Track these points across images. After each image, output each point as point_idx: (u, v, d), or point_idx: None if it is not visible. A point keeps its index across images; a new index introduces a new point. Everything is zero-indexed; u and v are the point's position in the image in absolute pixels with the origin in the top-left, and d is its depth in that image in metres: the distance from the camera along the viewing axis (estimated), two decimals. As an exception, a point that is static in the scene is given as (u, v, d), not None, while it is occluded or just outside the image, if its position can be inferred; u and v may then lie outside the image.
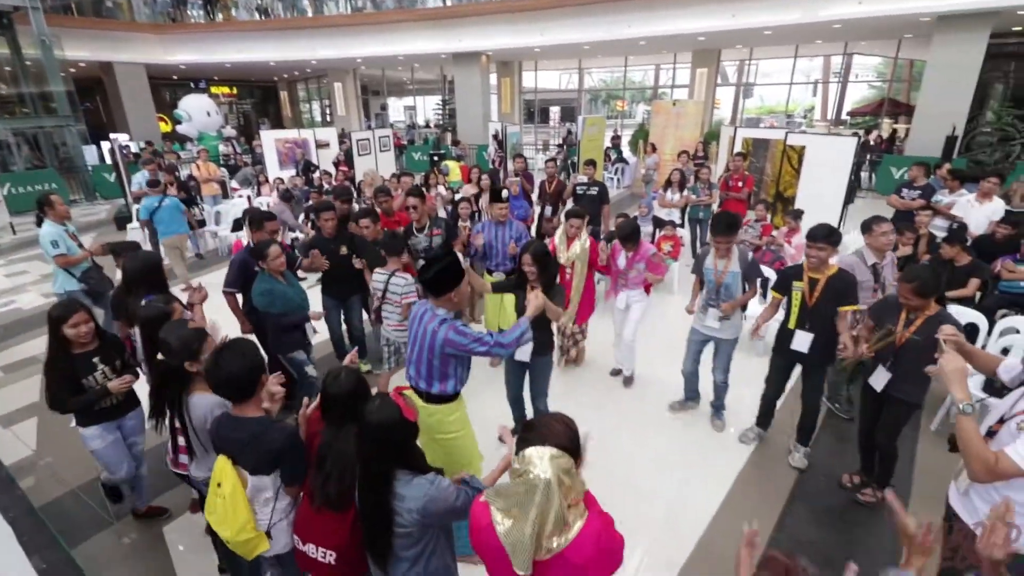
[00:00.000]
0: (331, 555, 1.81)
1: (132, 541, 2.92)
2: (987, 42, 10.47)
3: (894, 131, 15.99)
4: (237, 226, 7.78)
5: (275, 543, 1.94)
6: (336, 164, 10.88)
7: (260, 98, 27.33)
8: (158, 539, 2.95)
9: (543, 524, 1.26)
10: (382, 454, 1.62)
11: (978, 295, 4.58)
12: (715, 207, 7.10)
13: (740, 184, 6.77)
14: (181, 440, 2.31)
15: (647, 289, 4.18)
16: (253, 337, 3.57)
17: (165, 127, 19.75)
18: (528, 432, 1.36)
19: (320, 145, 11.19)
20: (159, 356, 2.16)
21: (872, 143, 14.09)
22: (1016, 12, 10.05)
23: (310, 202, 7.53)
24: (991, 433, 1.81)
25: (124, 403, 2.80)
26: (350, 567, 1.85)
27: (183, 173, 10.71)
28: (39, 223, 4.57)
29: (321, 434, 1.85)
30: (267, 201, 8.68)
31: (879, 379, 2.92)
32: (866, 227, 3.68)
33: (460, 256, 4.40)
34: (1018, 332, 3.96)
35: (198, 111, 16.83)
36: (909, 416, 2.97)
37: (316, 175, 9.54)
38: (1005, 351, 3.83)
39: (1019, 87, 14.84)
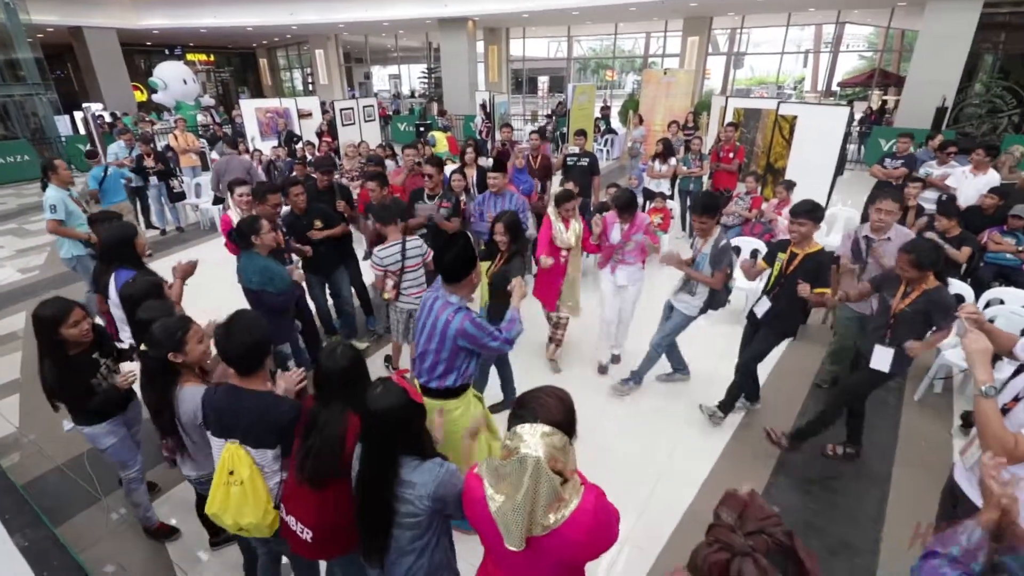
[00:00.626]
0: (308, 532, 1.77)
1: (120, 516, 2.89)
2: (980, 12, 10.37)
3: (884, 103, 15.93)
4: (217, 200, 7.55)
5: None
6: (319, 135, 10.59)
7: (239, 66, 26.40)
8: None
9: (534, 502, 1.24)
10: (389, 440, 1.56)
11: (964, 267, 4.62)
12: (706, 179, 7.05)
13: (731, 155, 6.70)
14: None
15: (642, 261, 4.08)
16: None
17: (140, 96, 19.04)
18: (520, 408, 1.33)
19: (302, 115, 10.87)
20: (142, 348, 2.06)
21: (862, 115, 14.03)
22: (1010, -20, 9.93)
23: (294, 174, 7.35)
24: (1004, 411, 1.80)
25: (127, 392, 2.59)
26: (324, 548, 1.82)
27: (160, 144, 10.36)
28: (44, 187, 4.79)
29: (309, 410, 1.80)
30: (249, 172, 8.45)
31: (882, 359, 2.91)
32: (870, 199, 3.68)
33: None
34: (1003, 303, 4.02)
35: (174, 79, 16.23)
36: (873, 386, 3.04)
37: (299, 146, 9.28)
38: (990, 322, 3.88)
39: (1008, 58, 14.80)
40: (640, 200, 6.65)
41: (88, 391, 2.38)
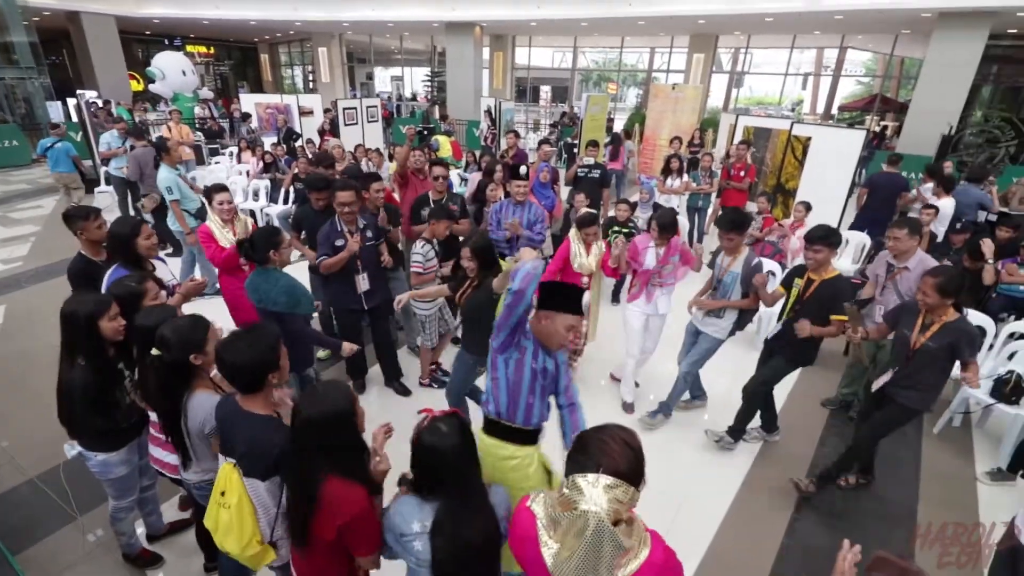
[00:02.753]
0: None
1: (98, 538, 2.64)
2: (985, 42, 10.46)
3: (884, 128, 16.06)
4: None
5: (281, 553, 1.75)
6: (321, 133, 10.38)
7: (239, 60, 26.08)
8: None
9: (598, 560, 1.09)
10: (470, 476, 1.45)
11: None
12: (715, 196, 6.95)
13: (742, 173, 6.60)
14: (158, 432, 2.06)
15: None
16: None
17: (137, 86, 18.68)
18: (580, 453, 1.15)
19: (304, 112, 10.67)
20: (153, 351, 1.84)
21: (864, 139, 14.10)
22: (1015, 13, 10.02)
23: (295, 171, 7.14)
24: None
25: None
26: None
27: (154, 135, 10.09)
28: (156, 166, 5.19)
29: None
30: (247, 168, 8.23)
31: (883, 380, 2.89)
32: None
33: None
34: (1023, 337, 3.92)
35: (173, 69, 15.90)
36: (903, 421, 2.90)
37: (299, 144, 9.08)
38: (1010, 357, 3.78)
39: (1007, 90, 15.03)
40: (649, 214, 6.53)
41: (114, 406, 2.11)
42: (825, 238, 2.98)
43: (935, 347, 2.64)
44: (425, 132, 12.73)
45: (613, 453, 1.13)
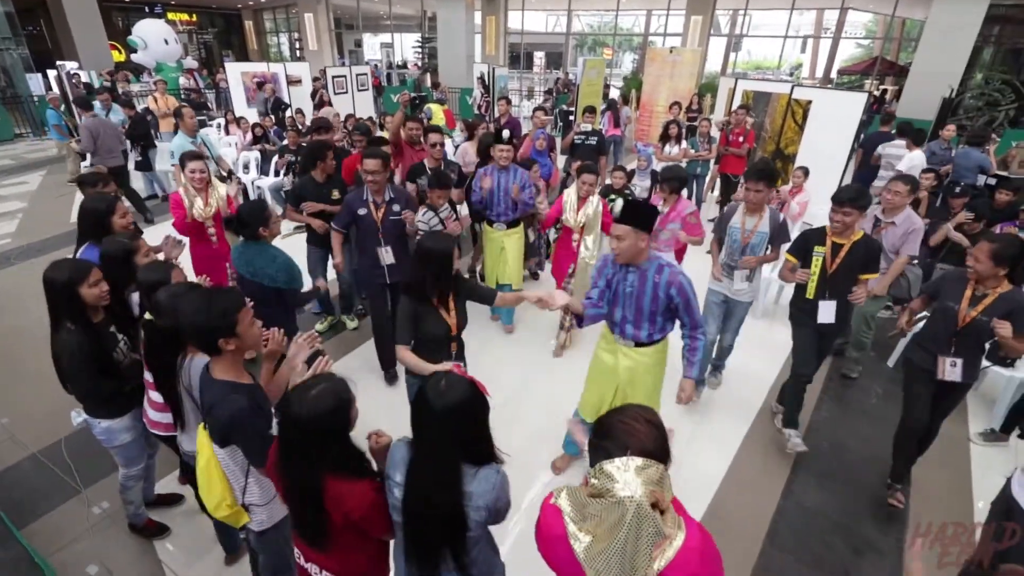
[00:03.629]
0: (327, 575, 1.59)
1: (103, 511, 2.66)
2: (989, 2, 10.20)
3: (884, 91, 15.81)
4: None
5: (254, 518, 1.76)
6: (317, 102, 9.93)
7: (223, 28, 25.25)
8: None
9: (636, 548, 1.04)
10: (452, 443, 1.31)
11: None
12: (713, 163, 6.85)
13: (740, 139, 6.49)
14: (156, 395, 2.06)
15: (679, 255, 3.80)
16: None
17: (119, 56, 18.07)
18: (604, 438, 1.11)
19: (292, 81, 10.37)
20: (146, 316, 1.85)
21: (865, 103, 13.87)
22: (1021, -29, 9.75)
23: (285, 143, 6.98)
24: None
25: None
26: None
27: (139, 106, 9.81)
28: (226, 131, 5.42)
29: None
30: (235, 141, 8.04)
31: (951, 372, 2.62)
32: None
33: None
34: None
35: (155, 38, 15.41)
36: (963, 397, 2.80)
37: (288, 115, 8.84)
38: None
39: (1008, 52, 14.75)
40: (648, 183, 6.45)
41: (112, 369, 2.10)
42: (855, 200, 2.81)
43: (988, 321, 2.44)
44: (417, 100, 12.43)
45: (639, 433, 1.09)
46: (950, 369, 2.60)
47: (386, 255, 3.36)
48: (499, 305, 2.71)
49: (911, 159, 5.72)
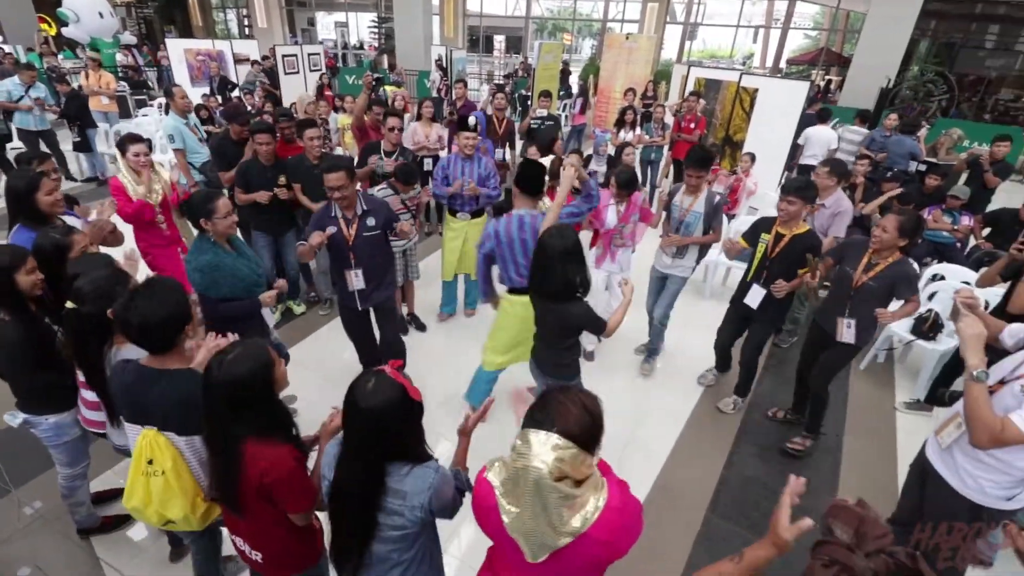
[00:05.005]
0: (257, 554, 1.58)
1: (35, 511, 2.53)
2: (924, -4, 10.73)
3: (828, 82, 16.45)
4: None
5: None
6: (320, 89, 9.38)
7: (164, 2, 23.76)
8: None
9: (547, 513, 1.11)
10: (377, 444, 1.30)
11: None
12: (666, 149, 7.00)
13: (692, 126, 6.66)
14: (89, 394, 1.97)
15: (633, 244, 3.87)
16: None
17: (49, 29, 16.78)
18: (539, 410, 1.16)
19: (239, 60, 9.92)
20: (68, 305, 1.75)
21: (810, 93, 14.41)
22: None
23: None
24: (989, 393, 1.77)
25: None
26: (278, 570, 1.63)
27: (74, 83, 9.18)
28: (167, 111, 5.13)
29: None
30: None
31: (847, 335, 2.85)
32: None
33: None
34: (943, 278, 4.22)
35: (88, 11, 14.34)
36: (848, 360, 3.02)
37: (235, 95, 8.48)
38: (930, 297, 4.07)
39: (943, 45, 15.60)
40: (603, 168, 6.54)
41: (53, 361, 1.97)
42: (801, 190, 2.86)
43: (876, 286, 2.67)
44: (375, 83, 12.11)
45: (570, 416, 1.13)
46: (846, 331, 2.84)
47: (355, 279, 2.89)
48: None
49: (819, 131, 6.72)
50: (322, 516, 1.54)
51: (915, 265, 4.15)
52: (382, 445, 1.31)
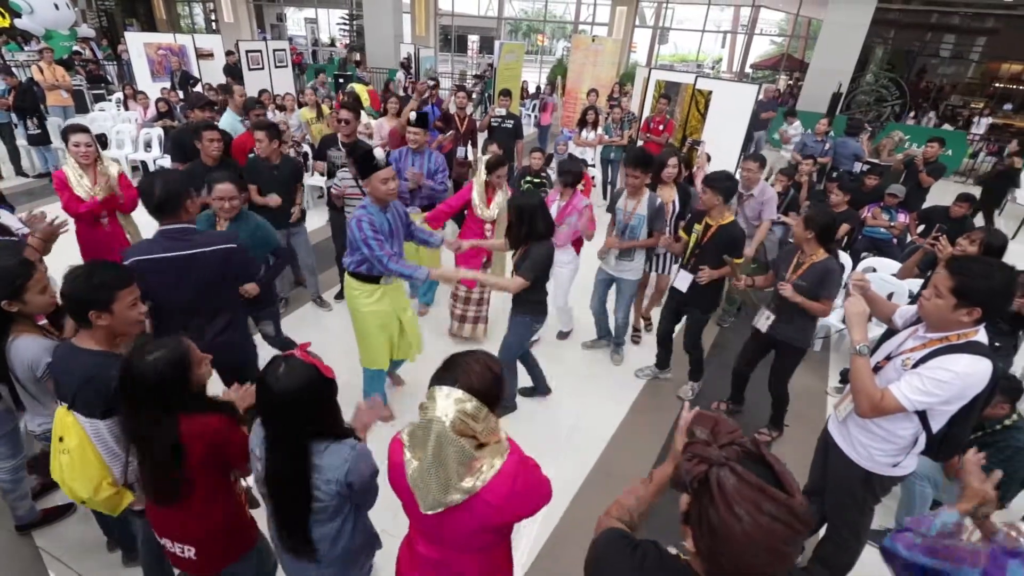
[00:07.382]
0: (190, 550, 1.63)
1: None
2: (876, 5, 11.22)
3: (790, 86, 17.01)
4: None
5: (139, 496, 1.74)
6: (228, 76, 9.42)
7: (126, -6, 23.10)
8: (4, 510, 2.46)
9: (445, 466, 1.20)
10: (296, 425, 1.37)
11: (846, 239, 5.10)
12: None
13: (660, 128, 6.86)
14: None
15: (576, 247, 3.92)
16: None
17: (2, 21, 16.19)
18: (444, 370, 1.26)
19: (202, 55, 9.77)
20: None
21: (768, 97, 14.87)
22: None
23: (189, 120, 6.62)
24: (876, 368, 1.94)
25: None
26: (214, 562, 1.68)
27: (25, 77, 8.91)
28: (222, 111, 5.43)
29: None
30: (135, 117, 7.54)
31: (764, 324, 3.04)
32: None
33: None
34: (875, 271, 4.48)
35: (43, 2, 13.90)
36: (798, 360, 3.11)
37: (196, 90, 8.37)
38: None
39: (895, 53, 16.30)
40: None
41: None
42: (718, 181, 3.07)
43: (804, 284, 2.79)
44: (341, 80, 12.06)
45: (471, 372, 1.24)
46: (764, 321, 3.04)
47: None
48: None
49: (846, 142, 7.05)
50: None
51: (845, 265, 4.43)
52: (302, 425, 1.38)
